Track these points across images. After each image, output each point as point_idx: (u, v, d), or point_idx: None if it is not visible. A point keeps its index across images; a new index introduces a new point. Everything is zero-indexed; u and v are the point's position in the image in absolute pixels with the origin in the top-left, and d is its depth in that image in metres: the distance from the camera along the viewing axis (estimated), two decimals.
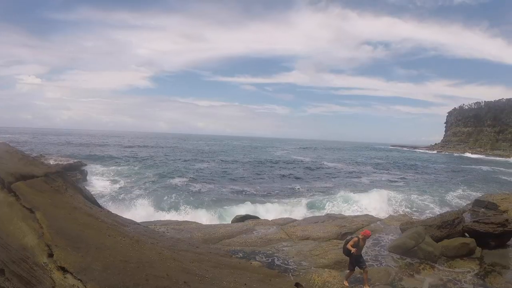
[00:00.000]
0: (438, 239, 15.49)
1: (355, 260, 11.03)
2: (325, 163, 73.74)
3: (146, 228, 10.55)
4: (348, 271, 11.36)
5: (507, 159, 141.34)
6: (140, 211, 23.60)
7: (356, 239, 10.95)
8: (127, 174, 42.96)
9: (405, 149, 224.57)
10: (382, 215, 22.20)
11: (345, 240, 11.60)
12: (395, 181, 48.54)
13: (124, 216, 11.69)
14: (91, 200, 10.87)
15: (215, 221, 22.82)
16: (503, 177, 60.44)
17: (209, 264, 7.95)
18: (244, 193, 34.78)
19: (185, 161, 63.20)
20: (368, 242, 16.47)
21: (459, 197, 36.40)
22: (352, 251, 10.68)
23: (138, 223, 10.93)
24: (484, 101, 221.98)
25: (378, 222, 20.01)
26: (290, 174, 52.05)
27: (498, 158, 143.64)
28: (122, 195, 30.15)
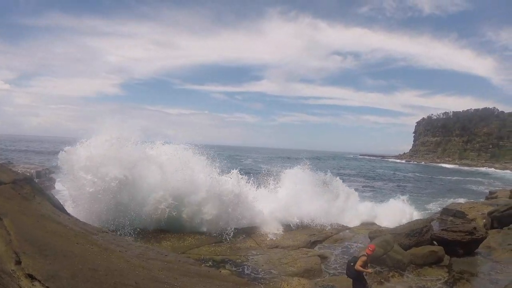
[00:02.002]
0: (406, 247, 15.75)
1: (361, 283, 10.38)
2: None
3: (115, 236, 10.48)
4: None
5: (476, 168, 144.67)
6: None
7: (365, 258, 10.34)
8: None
9: (374, 158, 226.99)
10: (352, 223, 22.37)
11: (349, 261, 10.93)
12: (364, 190, 48.94)
13: (93, 224, 11.59)
14: (59, 207, 10.75)
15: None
16: (471, 186, 61.84)
17: (178, 272, 7.93)
18: None
19: None
20: (337, 251, 16.71)
21: (427, 206, 36.88)
22: (365, 273, 10.28)
23: (107, 231, 10.82)
24: (453, 111, 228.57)
25: (347, 231, 20.30)
26: None
27: (466, 168, 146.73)
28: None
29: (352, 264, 10.37)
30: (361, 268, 10.00)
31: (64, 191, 20.16)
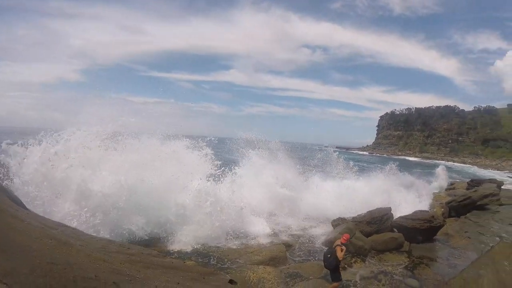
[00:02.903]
0: (368, 234, 16.25)
1: (337, 271, 10.68)
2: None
3: (75, 230, 10.29)
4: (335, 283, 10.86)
5: (437, 161, 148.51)
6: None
7: (343, 248, 10.56)
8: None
9: (339, 150, 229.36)
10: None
11: (326, 252, 11.15)
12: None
13: (52, 219, 11.35)
14: (17, 201, 10.48)
15: None
16: (431, 178, 63.35)
17: (141, 265, 7.87)
18: None
19: None
20: (302, 239, 16.93)
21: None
22: (340, 259, 10.44)
23: (67, 225, 10.63)
24: (415, 108, 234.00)
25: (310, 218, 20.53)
26: None
27: (428, 161, 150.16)
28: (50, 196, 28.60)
29: (329, 256, 10.58)
30: (341, 256, 10.31)
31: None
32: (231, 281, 8.49)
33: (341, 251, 10.37)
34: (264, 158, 24.97)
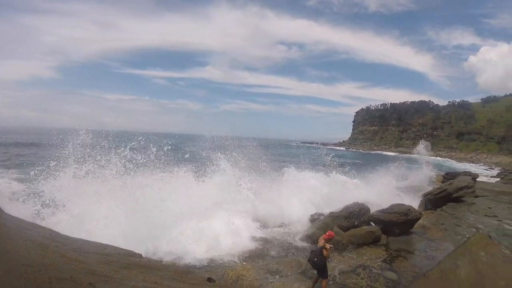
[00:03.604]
0: (345, 229, 16.35)
1: (325, 269, 10.47)
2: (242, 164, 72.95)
3: (51, 231, 10.13)
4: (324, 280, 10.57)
5: (411, 155, 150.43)
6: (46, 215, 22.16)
7: (329, 247, 10.37)
8: (29, 177, 39.84)
9: (315, 145, 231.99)
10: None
11: (311, 256, 10.59)
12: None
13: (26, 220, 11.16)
14: None
15: None
16: (407, 172, 64.01)
17: (118, 265, 7.77)
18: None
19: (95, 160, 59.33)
20: (280, 234, 16.96)
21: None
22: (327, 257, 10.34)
23: (42, 227, 10.46)
24: (390, 103, 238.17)
25: (288, 214, 20.55)
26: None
27: (405, 155, 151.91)
28: (24, 198, 27.98)
29: (316, 259, 10.31)
30: (328, 253, 10.25)
31: None
32: (209, 279, 8.46)
33: (327, 250, 10.25)
34: (237, 165, 24.01)
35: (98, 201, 15.37)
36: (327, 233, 10.78)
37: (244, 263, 12.54)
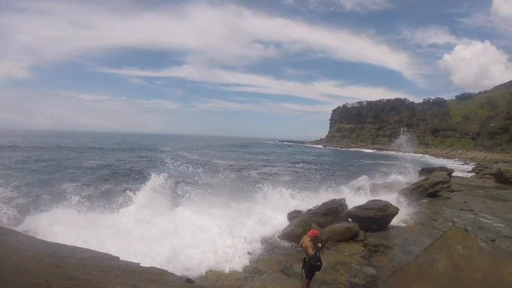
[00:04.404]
0: (323, 225, 16.52)
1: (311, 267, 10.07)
2: (215, 161, 72.46)
3: (27, 236, 9.98)
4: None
5: (388, 152, 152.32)
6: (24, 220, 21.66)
7: (316, 245, 10.06)
8: (3, 182, 38.72)
9: (292, 143, 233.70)
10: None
11: (313, 262, 10.03)
12: (283, 174, 49.55)
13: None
14: None
15: None
16: (383, 168, 64.73)
17: (95, 268, 7.68)
18: (134, 190, 32.86)
19: (75, 161, 57.99)
20: (260, 233, 16.93)
21: (343, 187, 37.83)
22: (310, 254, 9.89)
23: (18, 232, 10.30)
24: (366, 101, 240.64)
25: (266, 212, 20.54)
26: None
27: (383, 152, 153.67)
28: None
29: (319, 263, 9.95)
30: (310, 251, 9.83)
31: None
32: (188, 280, 8.41)
33: (311, 248, 10.09)
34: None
35: None
36: (310, 231, 10.57)
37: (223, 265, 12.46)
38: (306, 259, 9.94)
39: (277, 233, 16.57)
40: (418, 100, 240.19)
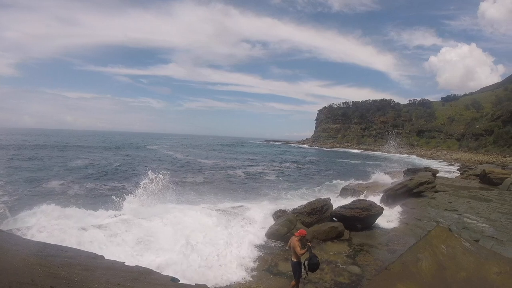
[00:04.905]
0: (309, 225, 16.62)
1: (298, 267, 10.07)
2: (201, 160, 72.12)
3: (10, 235, 9.89)
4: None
5: (374, 152, 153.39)
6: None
7: (310, 244, 10.03)
8: None
9: (278, 143, 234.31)
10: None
11: (312, 260, 9.81)
12: (269, 174, 49.55)
13: None
14: None
15: None
16: (368, 169, 65.14)
17: (80, 267, 7.62)
18: (121, 189, 32.63)
19: (61, 159, 57.25)
20: (248, 233, 16.92)
21: (328, 186, 38.05)
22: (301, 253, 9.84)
23: (2, 230, 10.19)
24: (352, 101, 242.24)
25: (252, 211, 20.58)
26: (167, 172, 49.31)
27: (372, 152, 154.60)
28: None
29: (317, 261, 9.76)
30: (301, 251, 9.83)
31: None
32: (173, 279, 8.40)
33: (299, 248, 10.08)
34: None
35: None
36: (298, 231, 10.59)
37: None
38: (307, 260, 9.78)
39: (262, 232, 16.59)
40: (403, 101, 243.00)
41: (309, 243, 10.29)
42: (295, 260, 10.06)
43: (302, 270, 9.98)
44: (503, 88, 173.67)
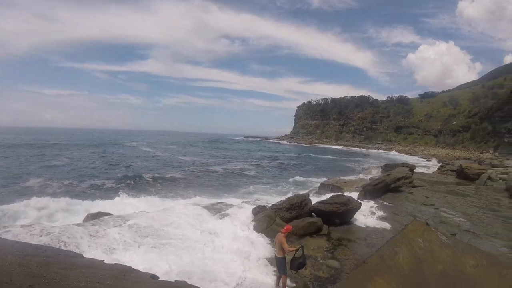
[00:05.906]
0: (288, 220, 16.61)
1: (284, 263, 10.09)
2: (180, 157, 71.74)
3: None
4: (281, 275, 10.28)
5: (353, 148, 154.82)
6: None
7: (284, 240, 10.02)
8: None
9: (258, 139, 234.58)
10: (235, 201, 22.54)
11: (296, 258, 10.06)
12: (248, 170, 49.62)
13: None
14: None
15: None
16: (347, 164, 65.69)
17: (59, 266, 7.53)
18: (101, 187, 32.29)
19: (39, 158, 56.34)
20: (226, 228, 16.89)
21: (307, 182, 38.23)
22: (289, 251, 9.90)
23: None
24: (331, 98, 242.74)
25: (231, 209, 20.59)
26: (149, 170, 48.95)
27: (352, 148, 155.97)
28: None
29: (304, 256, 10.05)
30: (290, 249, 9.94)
31: None
32: (152, 276, 8.35)
33: (286, 244, 10.03)
34: None
35: None
36: (284, 228, 10.62)
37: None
38: (295, 259, 9.92)
39: (240, 228, 16.58)
40: (382, 97, 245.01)
41: (302, 245, 10.39)
42: (280, 256, 10.06)
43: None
44: (480, 85, 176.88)
